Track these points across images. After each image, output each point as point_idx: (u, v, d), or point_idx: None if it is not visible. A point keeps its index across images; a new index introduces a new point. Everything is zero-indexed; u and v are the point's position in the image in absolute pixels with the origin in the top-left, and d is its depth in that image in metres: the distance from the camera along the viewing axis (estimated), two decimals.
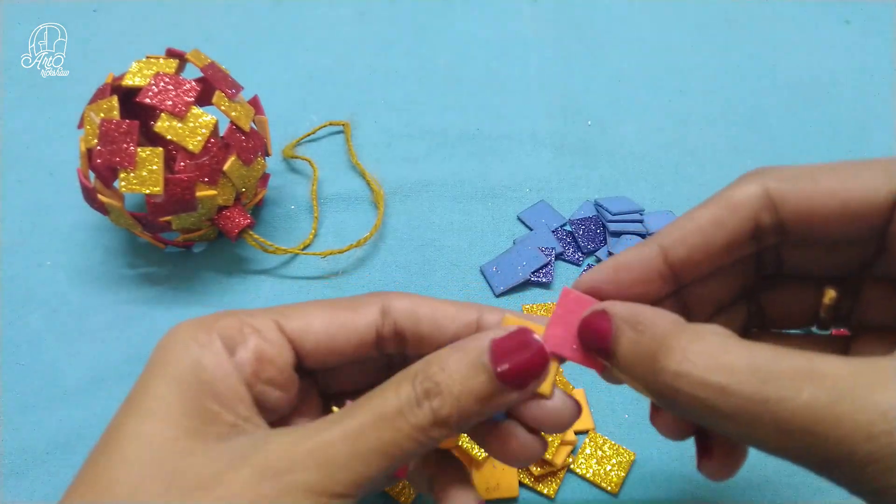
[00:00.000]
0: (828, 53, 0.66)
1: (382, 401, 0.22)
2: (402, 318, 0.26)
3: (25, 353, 0.44)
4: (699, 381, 0.19)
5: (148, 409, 0.22)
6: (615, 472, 0.38)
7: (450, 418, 0.22)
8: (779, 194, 0.23)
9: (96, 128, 0.41)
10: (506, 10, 0.69)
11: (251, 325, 0.25)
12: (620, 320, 0.22)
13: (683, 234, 0.23)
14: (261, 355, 0.24)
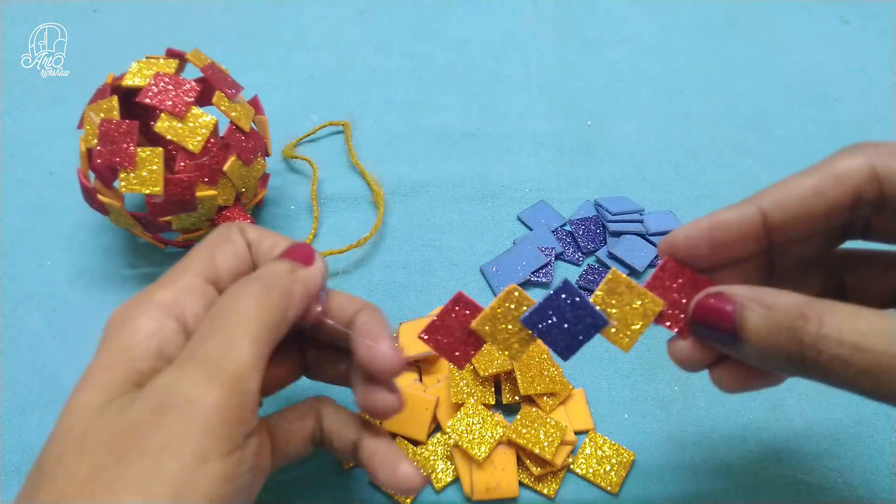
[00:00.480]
0: (828, 53, 0.66)
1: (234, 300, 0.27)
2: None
3: (25, 353, 0.44)
4: (837, 341, 0.21)
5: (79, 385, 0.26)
6: (615, 472, 0.38)
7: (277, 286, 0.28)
8: (886, 170, 0.23)
9: (96, 128, 0.41)
10: (506, 10, 0.69)
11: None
12: (746, 299, 0.24)
13: (785, 200, 0.24)
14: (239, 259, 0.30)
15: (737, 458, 0.39)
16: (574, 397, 0.41)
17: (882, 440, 0.40)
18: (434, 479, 0.38)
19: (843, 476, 0.39)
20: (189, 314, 0.27)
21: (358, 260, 0.49)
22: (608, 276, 0.28)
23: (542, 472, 0.37)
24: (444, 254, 0.49)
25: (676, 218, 0.50)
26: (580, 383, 0.42)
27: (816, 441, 0.40)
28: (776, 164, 0.56)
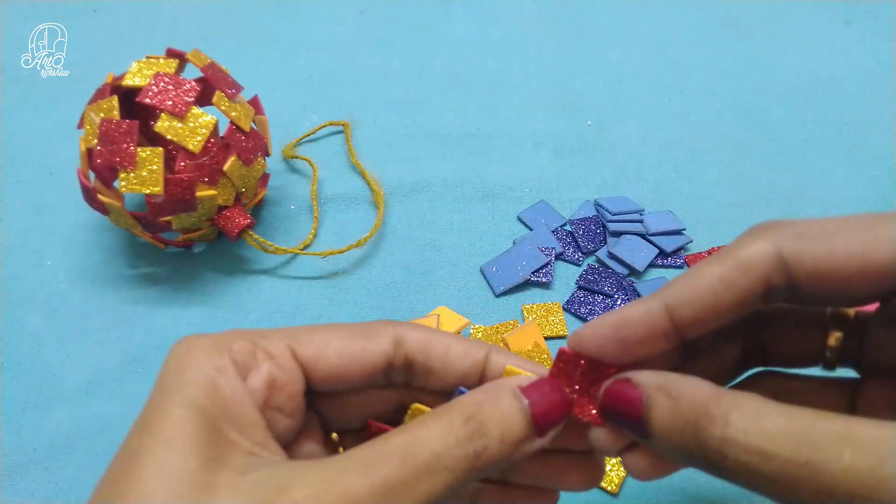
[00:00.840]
0: (828, 53, 0.66)
1: (416, 446, 0.22)
2: (414, 350, 0.26)
3: (25, 353, 0.44)
4: (743, 446, 0.19)
5: (166, 436, 0.21)
6: (615, 471, 0.38)
7: (492, 461, 0.22)
8: (793, 256, 0.22)
9: (96, 128, 0.41)
10: (506, 10, 0.69)
11: (265, 350, 0.24)
12: (652, 389, 0.22)
13: (691, 294, 0.23)
14: (273, 382, 0.24)
15: None
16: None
17: None
18: None
19: None
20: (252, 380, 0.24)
21: (358, 260, 0.49)
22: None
23: None
24: (444, 254, 0.49)
25: (676, 218, 0.50)
26: None
27: None
28: (776, 164, 0.56)
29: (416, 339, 0.26)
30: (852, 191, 0.54)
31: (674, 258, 0.48)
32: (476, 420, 0.22)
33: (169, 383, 0.23)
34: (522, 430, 0.23)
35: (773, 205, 0.53)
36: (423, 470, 0.21)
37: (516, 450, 0.22)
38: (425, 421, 0.22)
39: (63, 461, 0.40)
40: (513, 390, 0.23)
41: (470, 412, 0.22)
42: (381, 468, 0.21)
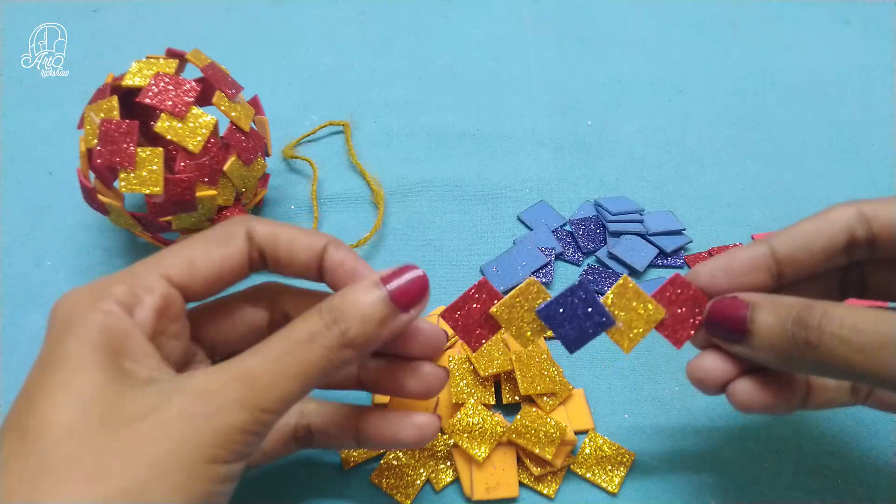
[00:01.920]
0: (828, 53, 0.66)
1: (294, 331, 0.26)
2: (265, 242, 0.29)
3: (25, 353, 0.44)
4: (839, 322, 0.24)
5: (69, 365, 0.23)
6: (615, 472, 0.38)
7: (357, 338, 0.26)
8: (871, 211, 0.27)
9: (96, 128, 0.41)
10: (506, 10, 0.69)
11: (143, 286, 0.27)
12: (757, 298, 0.27)
13: (789, 237, 0.28)
14: (158, 311, 0.27)
15: (737, 458, 0.39)
16: (574, 397, 0.41)
17: (882, 440, 0.40)
18: (434, 480, 0.38)
19: (843, 476, 0.39)
20: (138, 315, 0.26)
21: None
22: (619, 281, 0.30)
23: (542, 472, 0.37)
24: (444, 254, 0.49)
25: (676, 218, 0.50)
26: (580, 383, 0.42)
27: (816, 441, 0.40)
28: (776, 164, 0.56)
29: (265, 231, 0.29)
30: (852, 191, 0.54)
31: (674, 258, 0.48)
32: (335, 308, 0.26)
33: (61, 330, 0.25)
34: (382, 308, 0.27)
35: (773, 205, 0.53)
36: (303, 343, 0.25)
37: (382, 326, 0.27)
38: (301, 316, 0.26)
39: None
40: (373, 280, 0.27)
41: (333, 304, 0.27)
42: (268, 347, 0.25)
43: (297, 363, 0.25)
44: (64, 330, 0.24)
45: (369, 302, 0.27)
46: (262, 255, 0.29)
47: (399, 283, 0.27)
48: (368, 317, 0.26)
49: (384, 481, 0.37)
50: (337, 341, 0.26)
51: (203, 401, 0.23)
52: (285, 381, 0.25)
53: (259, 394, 0.24)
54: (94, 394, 0.23)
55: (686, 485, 0.38)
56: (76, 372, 0.23)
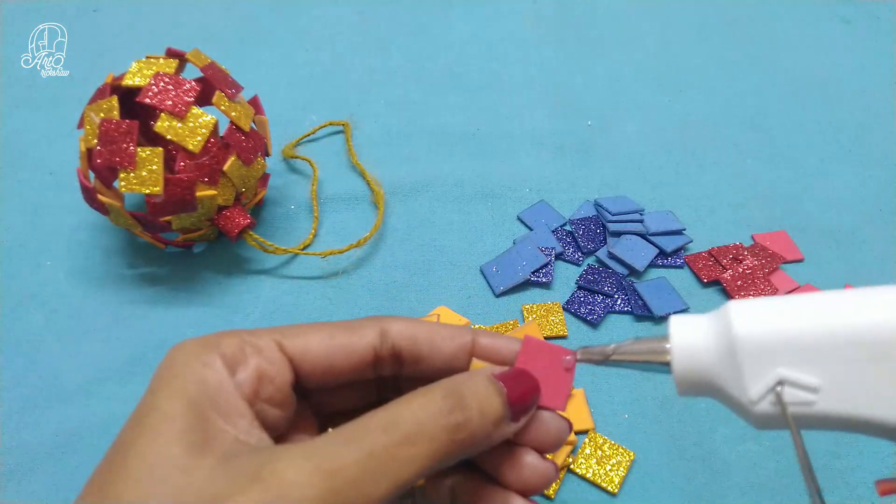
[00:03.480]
0: (828, 53, 0.66)
1: (399, 417, 0.23)
2: (401, 339, 0.27)
3: (25, 353, 0.44)
4: None
5: (153, 427, 0.22)
6: (615, 471, 0.38)
7: (473, 434, 0.23)
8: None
9: (96, 128, 0.41)
10: (506, 10, 0.69)
11: (252, 345, 0.25)
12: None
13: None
14: (261, 374, 0.25)
15: (737, 458, 0.39)
16: (574, 397, 0.41)
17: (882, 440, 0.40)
18: None
19: (844, 476, 0.39)
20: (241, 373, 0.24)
21: (358, 260, 0.49)
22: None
23: None
24: (444, 254, 0.49)
25: (676, 218, 0.50)
26: (580, 383, 0.42)
27: (816, 441, 0.40)
28: (776, 164, 0.56)
29: (402, 328, 0.27)
30: (852, 191, 0.54)
31: (674, 258, 0.48)
32: (457, 394, 0.23)
33: (160, 379, 0.24)
34: (500, 407, 0.24)
35: (773, 205, 0.53)
36: (407, 439, 0.22)
37: (495, 429, 0.24)
38: (408, 398, 0.23)
39: (63, 461, 0.40)
40: (488, 375, 0.25)
41: (450, 388, 0.24)
42: (364, 439, 0.22)
43: (394, 461, 0.22)
44: (162, 380, 0.23)
45: (490, 393, 0.24)
46: (398, 355, 0.27)
47: (517, 383, 0.25)
48: (487, 412, 0.23)
49: None
50: (452, 434, 0.23)
51: (276, 494, 0.20)
52: (375, 484, 0.21)
53: (341, 495, 0.21)
54: (169, 468, 0.21)
55: (686, 485, 0.38)
56: (157, 435, 0.22)
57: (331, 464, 0.21)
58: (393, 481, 0.22)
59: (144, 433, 0.22)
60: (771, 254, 0.48)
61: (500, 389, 0.24)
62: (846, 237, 0.51)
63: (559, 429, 0.27)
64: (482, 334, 0.27)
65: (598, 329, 0.45)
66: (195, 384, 0.23)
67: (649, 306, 0.45)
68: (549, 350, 0.27)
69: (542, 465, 0.26)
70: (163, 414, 0.22)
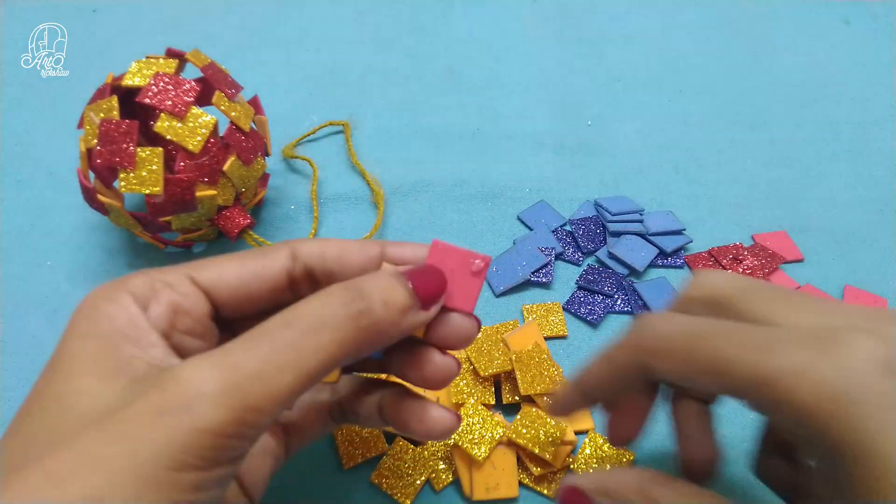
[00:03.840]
0: (828, 53, 0.66)
1: (301, 311, 0.23)
2: (311, 258, 0.27)
3: (25, 353, 0.44)
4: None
5: (64, 368, 0.22)
6: None
7: (378, 322, 0.24)
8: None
9: (96, 128, 0.41)
10: (506, 10, 0.69)
11: (162, 281, 0.25)
12: (593, 492, 0.27)
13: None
14: (174, 307, 0.25)
15: (737, 458, 0.39)
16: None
17: None
18: (434, 480, 0.38)
19: None
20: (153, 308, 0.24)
21: None
22: None
23: (542, 473, 0.37)
24: None
25: (676, 218, 0.50)
26: None
27: None
28: (776, 164, 0.56)
29: (311, 248, 0.27)
30: (852, 191, 0.54)
31: (674, 258, 0.48)
32: (357, 287, 0.24)
33: (70, 324, 0.24)
34: (404, 296, 0.25)
35: (773, 205, 0.53)
36: (309, 330, 0.22)
37: (402, 316, 0.24)
38: (309, 297, 0.24)
39: None
40: (391, 270, 0.26)
41: (351, 283, 0.24)
42: (265, 336, 0.22)
43: (297, 353, 0.22)
44: (73, 326, 0.24)
45: (393, 286, 0.24)
46: (311, 274, 0.27)
47: (422, 277, 0.26)
48: (391, 302, 0.24)
49: (384, 481, 0.37)
50: (354, 321, 0.23)
51: (173, 395, 0.20)
52: (281, 376, 0.21)
53: (244, 389, 0.20)
54: (80, 399, 0.21)
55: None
56: (69, 375, 0.22)
57: (230, 360, 0.21)
58: (298, 373, 0.22)
59: (55, 374, 0.23)
60: (771, 254, 0.48)
61: (404, 280, 0.25)
62: (846, 237, 0.51)
63: (467, 326, 0.27)
64: (390, 244, 0.28)
65: (598, 329, 0.45)
66: (104, 321, 0.23)
67: (649, 306, 0.45)
68: (458, 253, 0.27)
69: (443, 361, 0.28)
70: (72, 353, 0.23)
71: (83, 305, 0.24)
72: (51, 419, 0.21)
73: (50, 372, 0.23)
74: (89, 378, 0.22)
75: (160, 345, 0.24)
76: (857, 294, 0.47)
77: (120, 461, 0.19)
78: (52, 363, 0.23)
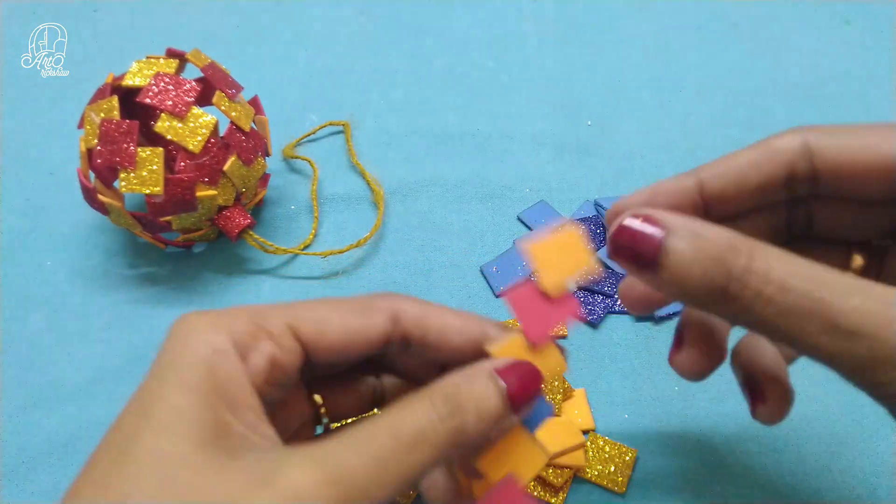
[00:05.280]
0: (828, 53, 0.66)
1: (401, 425, 0.22)
2: (412, 325, 0.27)
3: (25, 353, 0.44)
4: (765, 277, 0.21)
5: (159, 420, 0.21)
6: (620, 471, 0.38)
7: (471, 436, 0.23)
8: (818, 145, 0.24)
9: (96, 128, 0.41)
10: (506, 10, 0.69)
11: (265, 330, 0.24)
12: (675, 223, 0.22)
13: (721, 170, 0.25)
14: (274, 362, 0.24)
15: (737, 458, 0.39)
16: (574, 398, 0.41)
17: (882, 440, 0.40)
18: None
19: (844, 476, 0.39)
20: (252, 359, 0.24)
21: (358, 260, 0.49)
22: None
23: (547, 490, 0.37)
24: (444, 254, 0.49)
25: None
26: (580, 383, 0.42)
27: (816, 441, 0.40)
28: None
29: (413, 315, 0.27)
30: None
31: None
32: (455, 400, 0.23)
33: (166, 364, 0.23)
34: (498, 407, 0.24)
35: None
36: (411, 444, 0.22)
37: (494, 426, 0.24)
38: (407, 402, 0.23)
39: (63, 461, 0.40)
40: (489, 372, 0.24)
41: (448, 392, 0.23)
42: (371, 444, 0.22)
43: (399, 466, 0.22)
44: (168, 365, 0.23)
45: (488, 395, 0.23)
46: (406, 339, 0.27)
47: (517, 377, 0.24)
48: (485, 413, 0.23)
49: None
50: (451, 439, 0.23)
51: (284, 494, 0.20)
52: (383, 489, 0.21)
53: (350, 499, 0.21)
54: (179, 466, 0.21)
55: (686, 484, 0.38)
56: (167, 432, 0.21)
57: (340, 470, 0.21)
58: (397, 484, 0.22)
59: (150, 426, 0.21)
60: None
61: (500, 387, 0.24)
62: None
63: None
64: (491, 325, 0.27)
65: (598, 329, 0.45)
66: (205, 372, 0.22)
67: None
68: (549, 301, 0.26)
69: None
70: (169, 406, 0.22)
71: (180, 340, 0.23)
72: (145, 482, 0.20)
73: (141, 418, 0.22)
74: (186, 443, 0.21)
75: (256, 407, 0.23)
76: None
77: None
78: (143, 409, 0.22)
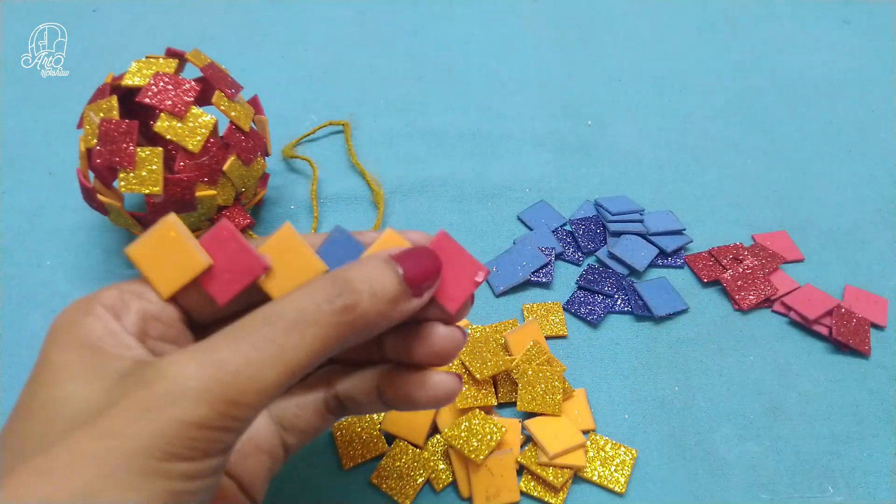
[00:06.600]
0: (828, 53, 0.66)
1: (282, 307, 0.23)
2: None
3: (25, 353, 0.44)
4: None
5: (48, 379, 0.23)
6: (620, 471, 0.38)
7: (365, 315, 0.23)
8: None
9: (96, 128, 0.41)
10: (506, 10, 0.69)
11: (131, 291, 0.26)
12: None
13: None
14: (145, 314, 0.25)
15: (737, 458, 0.39)
16: (575, 398, 0.41)
17: (882, 440, 0.40)
18: (434, 480, 0.38)
19: (844, 476, 0.39)
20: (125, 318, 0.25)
21: None
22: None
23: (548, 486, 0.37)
24: None
25: (676, 218, 0.50)
26: (580, 383, 0.42)
27: (816, 441, 0.40)
28: (776, 164, 0.56)
29: None
30: (852, 191, 0.54)
31: (674, 258, 0.48)
32: (343, 278, 0.23)
33: (47, 340, 0.24)
34: (394, 285, 0.24)
35: (773, 205, 0.53)
36: (291, 327, 0.22)
37: (392, 306, 0.24)
38: (293, 290, 0.23)
39: None
40: (383, 256, 0.25)
41: (336, 275, 0.24)
42: (246, 333, 0.22)
43: (279, 349, 0.22)
44: (50, 340, 0.24)
45: (382, 275, 0.24)
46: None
47: (413, 262, 0.25)
48: (380, 292, 0.24)
49: (384, 482, 0.37)
50: (339, 317, 0.23)
51: (158, 391, 0.21)
52: (260, 370, 0.21)
53: (226, 385, 0.21)
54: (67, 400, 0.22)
55: (686, 484, 0.38)
56: (54, 384, 0.23)
57: (213, 356, 0.22)
58: (281, 369, 0.22)
59: (39, 384, 0.23)
60: (771, 254, 0.48)
61: (395, 268, 0.24)
62: (846, 237, 0.51)
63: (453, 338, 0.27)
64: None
65: (598, 329, 0.45)
66: (81, 332, 0.23)
67: (649, 306, 0.45)
68: (463, 255, 0.27)
69: (448, 332, 0.27)
70: (54, 364, 0.23)
71: (58, 321, 0.24)
72: (40, 424, 0.22)
73: (33, 383, 0.23)
74: (74, 383, 0.22)
75: (138, 348, 0.24)
76: (857, 294, 0.47)
77: (111, 455, 0.20)
78: (35, 375, 0.23)
